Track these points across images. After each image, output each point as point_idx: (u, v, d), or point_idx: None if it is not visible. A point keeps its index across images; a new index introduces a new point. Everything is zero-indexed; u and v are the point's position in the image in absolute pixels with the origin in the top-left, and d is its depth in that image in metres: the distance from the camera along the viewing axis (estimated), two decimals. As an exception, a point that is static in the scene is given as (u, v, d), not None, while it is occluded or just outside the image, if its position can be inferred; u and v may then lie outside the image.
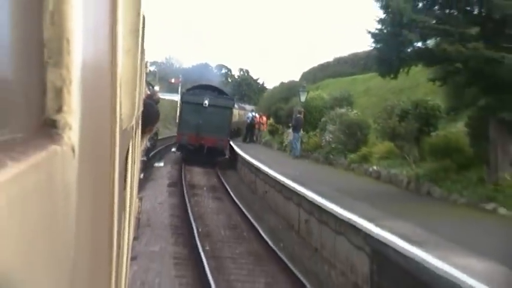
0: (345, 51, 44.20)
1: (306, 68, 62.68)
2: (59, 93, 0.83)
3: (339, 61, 54.95)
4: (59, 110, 0.82)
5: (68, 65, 0.84)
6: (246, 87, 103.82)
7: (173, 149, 45.86)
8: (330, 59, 59.05)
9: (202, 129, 39.19)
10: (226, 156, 42.27)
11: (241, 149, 39.29)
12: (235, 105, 51.36)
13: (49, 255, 0.78)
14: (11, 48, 0.73)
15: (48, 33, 0.81)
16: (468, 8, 19.80)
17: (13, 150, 0.65)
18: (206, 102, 40.52)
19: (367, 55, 31.74)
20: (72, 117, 0.85)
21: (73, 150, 0.85)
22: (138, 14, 3.37)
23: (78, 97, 0.88)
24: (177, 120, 46.13)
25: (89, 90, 1.06)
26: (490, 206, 18.49)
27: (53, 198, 0.79)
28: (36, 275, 0.72)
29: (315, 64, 62.87)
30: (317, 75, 56.97)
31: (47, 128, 0.82)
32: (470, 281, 11.38)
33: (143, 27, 5.06)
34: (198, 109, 40.11)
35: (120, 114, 2.30)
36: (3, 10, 0.70)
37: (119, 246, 2.77)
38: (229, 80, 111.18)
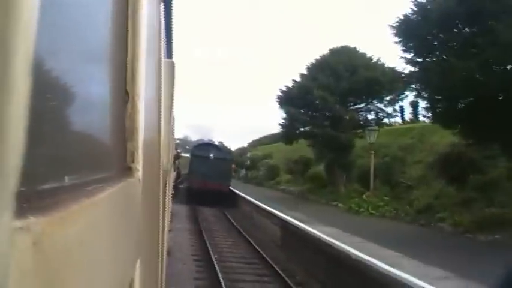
0: (269, 132, 69.52)
1: (250, 140, 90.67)
2: (132, 154, 1.37)
3: (265, 137, 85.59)
4: (133, 161, 1.37)
5: (137, 140, 1.39)
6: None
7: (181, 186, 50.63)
8: (261, 135, 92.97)
9: (208, 177, 44.03)
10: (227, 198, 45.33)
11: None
12: None
13: (128, 235, 1.20)
14: (111, 132, 1.22)
15: (127, 123, 1.36)
16: (323, 112, 36.18)
17: (109, 180, 1.00)
18: (211, 155, 46.83)
19: (279, 135, 44.73)
20: (139, 165, 1.39)
21: (139, 181, 1.40)
22: (171, 109, 4.25)
23: (142, 155, 1.42)
24: (188, 170, 50.47)
25: (147, 150, 1.65)
26: (334, 203, 32.92)
27: (131, 203, 1.27)
28: (121, 252, 1.09)
29: (253, 138, 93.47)
30: (255, 144, 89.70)
31: (127, 170, 1.34)
32: (322, 235, 19.43)
33: (174, 119, 7.82)
34: (205, 161, 45.84)
35: (162, 162, 3.32)
36: (104, 110, 1.18)
37: (163, 233, 3.92)
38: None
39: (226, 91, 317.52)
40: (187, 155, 55.73)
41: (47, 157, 0.68)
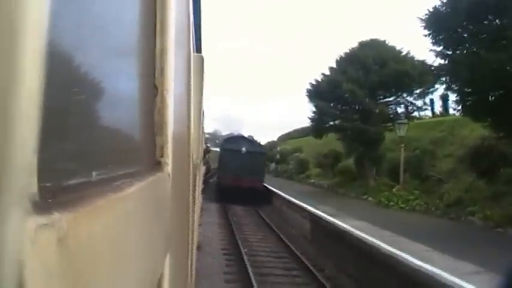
0: (298, 126, 69.01)
1: (280, 134, 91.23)
2: (161, 148, 1.38)
3: (295, 131, 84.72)
4: (162, 156, 1.38)
5: (166, 134, 1.39)
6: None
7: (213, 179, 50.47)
8: (291, 129, 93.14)
9: (240, 172, 40.66)
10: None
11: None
12: None
13: (157, 230, 1.22)
14: (140, 127, 1.24)
15: (156, 118, 1.37)
16: (353, 106, 36.06)
17: (139, 175, 1.03)
18: (243, 148, 42.87)
19: (308, 129, 44.77)
20: (168, 159, 1.40)
21: (169, 175, 1.41)
22: (201, 104, 4.72)
23: (171, 150, 1.43)
24: (218, 165, 47.58)
25: (176, 145, 1.66)
26: (364, 197, 32.82)
27: (160, 198, 1.30)
28: (150, 247, 1.10)
29: (283, 132, 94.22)
30: (285, 138, 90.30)
31: (156, 165, 1.35)
32: (352, 229, 19.27)
33: (203, 113, 7.88)
34: (236, 155, 42.09)
35: (192, 157, 3.43)
36: (133, 104, 1.18)
37: (193, 225, 4.05)
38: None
39: (255, 85, 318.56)
40: (217, 149, 53.75)
41: (74, 152, 0.68)
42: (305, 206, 27.80)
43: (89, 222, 0.60)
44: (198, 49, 6.11)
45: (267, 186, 42.98)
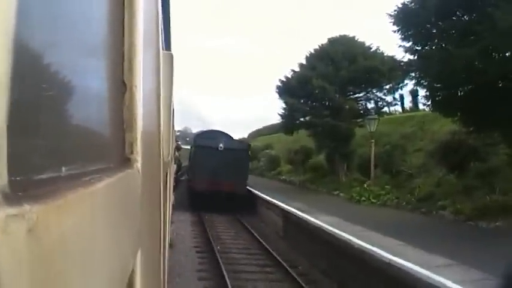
0: (269, 123, 68.93)
1: (250, 131, 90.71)
2: (131, 145, 1.38)
3: (265, 127, 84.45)
4: (132, 152, 1.38)
5: (135, 131, 1.40)
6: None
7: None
8: (261, 126, 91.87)
9: (217, 174, 33.95)
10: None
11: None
12: None
13: (127, 225, 1.22)
14: (109, 123, 1.24)
15: (125, 114, 1.37)
16: (323, 102, 36.03)
17: (109, 171, 1.03)
18: (221, 145, 35.65)
19: (279, 125, 43.51)
20: (138, 156, 1.40)
21: (139, 172, 1.42)
22: (171, 101, 4.50)
23: (141, 146, 1.43)
24: (189, 166, 41.89)
25: (146, 142, 1.67)
26: (336, 192, 33.07)
27: (130, 194, 1.30)
28: (120, 242, 1.10)
29: (253, 129, 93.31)
30: (255, 135, 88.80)
31: (126, 161, 1.36)
32: (324, 225, 19.35)
33: (173, 111, 7.55)
34: (212, 153, 34.91)
35: (162, 154, 3.43)
36: (102, 101, 1.17)
37: (165, 221, 4.18)
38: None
39: (225, 83, 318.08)
40: (188, 147, 49.12)
41: (44, 148, 0.69)
42: (277, 202, 27.74)
43: (59, 215, 0.60)
44: (168, 47, 6.10)
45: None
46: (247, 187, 36.42)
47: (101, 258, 0.89)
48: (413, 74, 23.79)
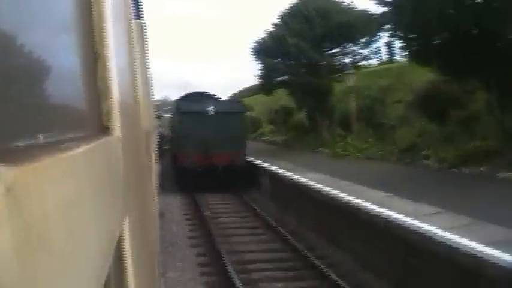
0: (248, 85, 67.09)
1: (229, 94, 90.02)
2: (108, 113, 1.41)
3: (245, 89, 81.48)
4: (109, 120, 1.41)
5: (111, 100, 1.43)
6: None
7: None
8: (239, 89, 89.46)
9: (210, 146, 28.25)
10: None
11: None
12: None
13: (110, 191, 1.22)
14: (84, 93, 1.24)
15: (99, 84, 1.39)
16: (299, 60, 35.52)
17: (87, 139, 1.05)
18: (211, 108, 29.60)
19: (257, 86, 41.81)
20: (117, 123, 1.44)
21: (119, 139, 1.45)
22: (146, 70, 4.75)
23: (119, 114, 1.47)
24: (171, 138, 35.73)
25: (124, 110, 1.71)
26: (319, 149, 32.64)
27: (111, 160, 1.30)
28: (104, 207, 1.11)
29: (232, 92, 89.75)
30: (237, 96, 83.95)
31: (104, 129, 1.38)
32: (310, 182, 19.54)
33: (151, 80, 8.42)
34: (201, 119, 28.88)
35: (143, 123, 3.51)
36: (76, 73, 1.18)
37: (152, 193, 4.25)
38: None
39: (201, 48, 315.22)
40: (169, 115, 43.53)
41: (20, 117, 0.71)
42: (261, 163, 27.84)
43: (36, 176, 0.62)
44: (139, 16, 6.05)
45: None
46: (247, 157, 30.41)
47: (84, 222, 0.90)
48: (387, 26, 23.72)
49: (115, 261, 1.34)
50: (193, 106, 30.14)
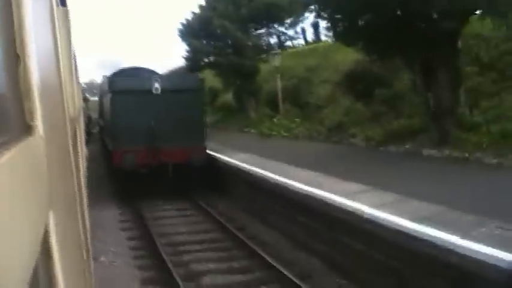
0: (175, 66, 65.26)
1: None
2: (30, 112, 1.32)
3: (171, 71, 79.35)
4: (32, 119, 1.32)
5: (33, 99, 1.34)
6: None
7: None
8: (167, 70, 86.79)
9: (157, 137, 20.89)
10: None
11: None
12: None
13: (33, 185, 1.19)
14: (7, 96, 1.15)
15: (21, 85, 1.28)
16: (226, 41, 35.82)
17: (10, 141, 1.02)
18: (157, 86, 21.60)
19: (184, 68, 41.81)
20: (39, 121, 1.36)
21: (42, 139, 1.40)
22: (70, 54, 4.61)
23: (41, 111, 1.40)
24: (102, 128, 30.55)
25: (47, 105, 1.63)
26: (247, 129, 32.99)
27: (34, 161, 1.27)
28: (26, 197, 1.09)
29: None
30: None
31: (28, 129, 1.30)
32: (238, 163, 19.93)
33: (75, 62, 7.81)
34: (143, 101, 21.24)
35: (68, 111, 3.27)
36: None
37: (79, 181, 3.81)
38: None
39: (129, 31, 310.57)
40: (96, 98, 38.01)
41: None
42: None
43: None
44: (63, 3, 5.89)
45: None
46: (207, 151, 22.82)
47: (8, 221, 0.87)
48: (312, 7, 23.84)
49: (42, 251, 1.32)
50: (131, 83, 22.34)
